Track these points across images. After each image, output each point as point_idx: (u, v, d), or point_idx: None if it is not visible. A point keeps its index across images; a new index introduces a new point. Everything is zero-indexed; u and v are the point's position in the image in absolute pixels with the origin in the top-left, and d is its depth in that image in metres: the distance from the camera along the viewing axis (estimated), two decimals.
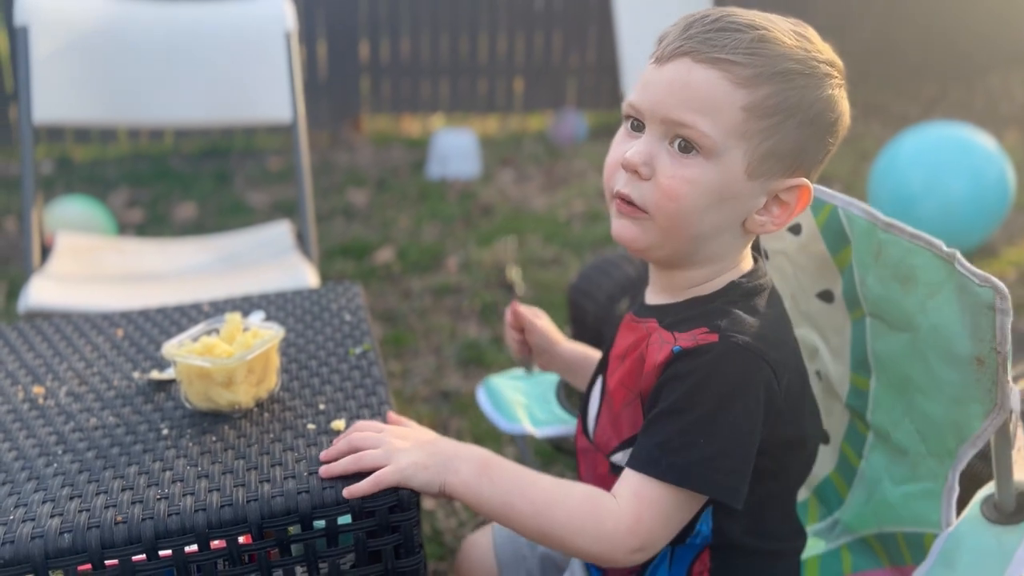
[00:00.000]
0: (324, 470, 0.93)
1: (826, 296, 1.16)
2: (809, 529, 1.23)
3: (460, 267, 3.56)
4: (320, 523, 0.90)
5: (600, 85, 5.72)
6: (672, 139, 0.93)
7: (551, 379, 1.51)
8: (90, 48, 2.32)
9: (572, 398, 1.47)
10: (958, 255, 0.94)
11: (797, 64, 0.92)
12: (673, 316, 0.99)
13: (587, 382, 1.25)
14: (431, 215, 4.13)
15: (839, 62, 0.97)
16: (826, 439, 1.23)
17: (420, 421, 2.48)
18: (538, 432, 1.40)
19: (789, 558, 1.08)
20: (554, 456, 2.27)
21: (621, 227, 0.97)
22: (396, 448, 0.93)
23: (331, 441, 1.00)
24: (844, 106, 0.97)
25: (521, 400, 1.46)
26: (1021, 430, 0.96)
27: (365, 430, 0.98)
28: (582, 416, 1.13)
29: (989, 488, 0.98)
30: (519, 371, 1.55)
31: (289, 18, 2.37)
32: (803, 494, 1.28)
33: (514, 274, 1.35)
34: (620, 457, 1.01)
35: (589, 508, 0.91)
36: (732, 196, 0.94)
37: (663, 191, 0.92)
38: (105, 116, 2.40)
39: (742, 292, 0.99)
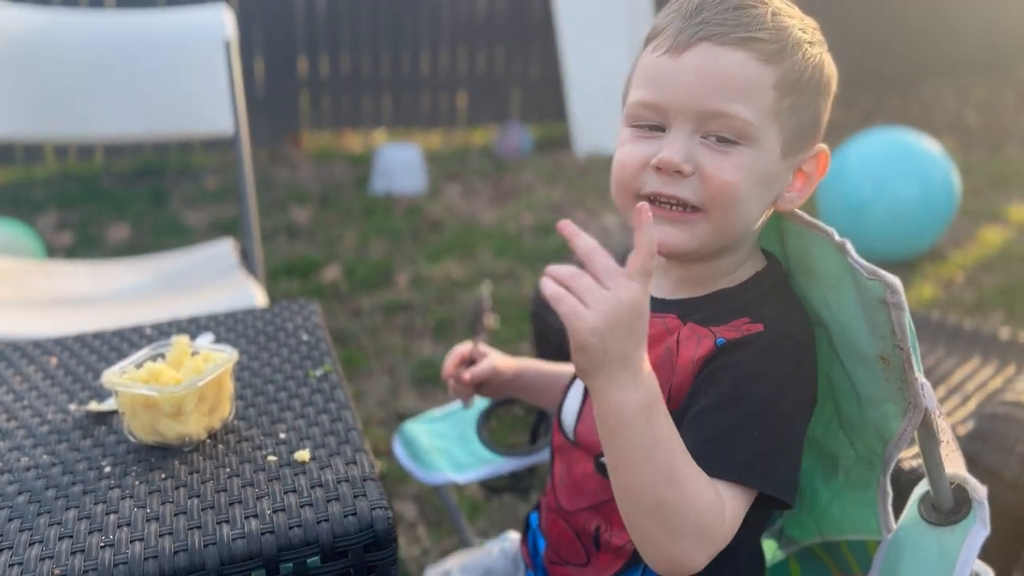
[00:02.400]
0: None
1: None
2: None
3: (411, 283, 3.47)
4: (288, 566, 0.81)
5: (544, 98, 5.69)
6: (705, 134, 0.88)
7: (471, 415, 1.42)
8: (14, 59, 2.19)
9: (494, 433, 1.39)
10: (848, 245, 0.87)
11: (804, 33, 0.91)
12: (702, 311, 0.93)
13: (547, 397, 1.20)
14: (377, 231, 4.03)
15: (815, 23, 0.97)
16: None
17: (376, 444, 2.38)
18: (461, 478, 1.32)
19: None
20: (479, 505, 2.16)
21: (665, 235, 0.88)
22: (583, 315, 0.74)
23: (295, 475, 0.91)
24: (834, 66, 0.97)
25: (439, 444, 1.37)
26: (945, 422, 0.90)
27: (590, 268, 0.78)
28: (557, 415, 1.06)
29: (924, 486, 0.93)
30: (437, 411, 1.46)
31: (229, 27, 2.26)
32: None
33: (492, 320, 1.27)
34: None
35: (718, 508, 0.81)
36: (772, 179, 0.91)
37: (717, 184, 0.87)
38: (32, 132, 2.27)
39: (771, 283, 0.95)
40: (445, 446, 1.37)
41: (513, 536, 1.23)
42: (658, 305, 0.95)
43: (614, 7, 5.28)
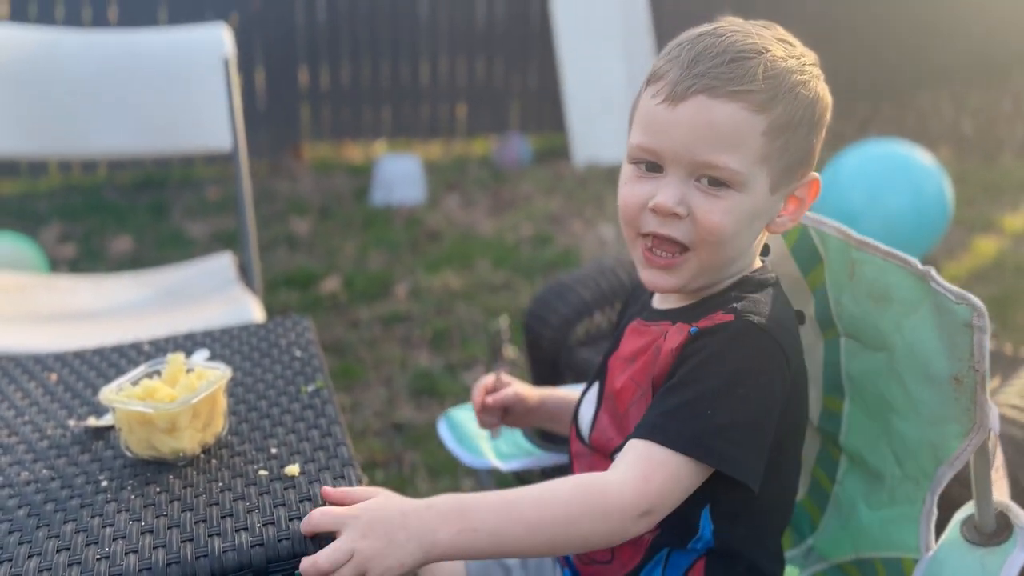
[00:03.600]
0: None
1: (798, 317, 1.13)
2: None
3: (409, 295, 3.50)
4: None
5: (543, 109, 5.73)
6: (699, 177, 0.94)
7: None
8: (18, 77, 2.23)
9: (536, 429, 1.44)
10: (932, 272, 0.93)
11: (797, 75, 0.95)
12: (690, 314, 1.00)
13: (567, 425, 1.23)
14: (377, 242, 4.06)
15: (815, 55, 1.01)
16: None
17: (372, 455, 2.41)
18: (504, 466, 1.36)
19: None
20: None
21: (656, 279, 0.98)
22: (366, 557, 0.83)
23: (284, 489, 0.94)
24: (828, 95, 1.01)
25: (484, 433, 1.41)
26: (999, 448, 0.94)
27: (325, 527, 0.86)
28: (574, 423, 1.12)
29: (968, 509, 0.97)
30: None
31: (227, 44, 2.30)
32: None
33: (510, 351, 1.31)
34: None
35: (584, 491, 0.88)
36: (761, 214, 0.97)
37: (705, 228, 0.94)
38: (36, 149, 2.31)
39: (755, 283, 1.01)
40: (488, 434, 1.42)
41: None
42: (652, 314, 1.05)
43: (612, 18, 5.32)
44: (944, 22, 6.72)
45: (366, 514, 0.86)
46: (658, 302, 1.06)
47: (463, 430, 1.41)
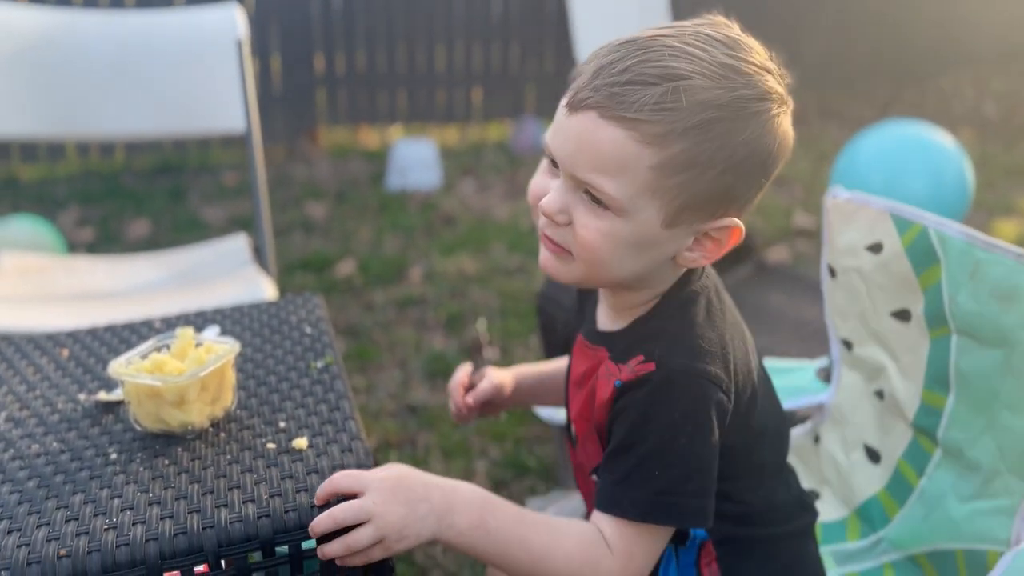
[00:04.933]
0: (313, 534, 0.85)
1: (902, 315, 1.16)
2: (848, 546, 1.21)
3: (424, 278, 3.50)
4: (283, 549, 0.84)
5: (559, 93, 5.46)
6: (585, 190, 0.89)
7: None
8: (34, 60, 2.24)
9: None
10: None
11: (718, 111, 0.84)
12: (620, 344, 0.96)
13: (554, 396, 1.24)
14: (392, 227, 4.06)
15: (779, 87, 0.89)
16: (876, 458, 1.22)
17: (387, 437, 2.42)
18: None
19: (797, 537, 1.05)
20: (518, 473, 2.22)
21: (547, 261, 0.96)
22: (387, 523, 0.84)
23: (292, 462, 0.94)
24: (776, 139, 0.89)
25: None
26: None
27: (346, 488, 0.87)
28: (567, 431, 1.10)
29: None
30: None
31: (241, 26, 2.30)
32: (841, 512, 1.26)
33: (491, 354, 1.31)
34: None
35: (584, 552, 0.89)
36: (651, 244, 0.90)
37: (580, 242, 0.90)
38: (51, 130, 2.32)
39: (677, 304, 0.95)
40: None
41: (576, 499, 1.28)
42: (594, 336, 1.02)
43: (629, 1, 5.28)
44: (968, 3, 6.62)
45: (390, 479, 0.87)
46: (600, 321, 1.03)
47: None
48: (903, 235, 1.12)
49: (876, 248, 1.16)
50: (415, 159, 4.63)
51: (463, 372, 1.24)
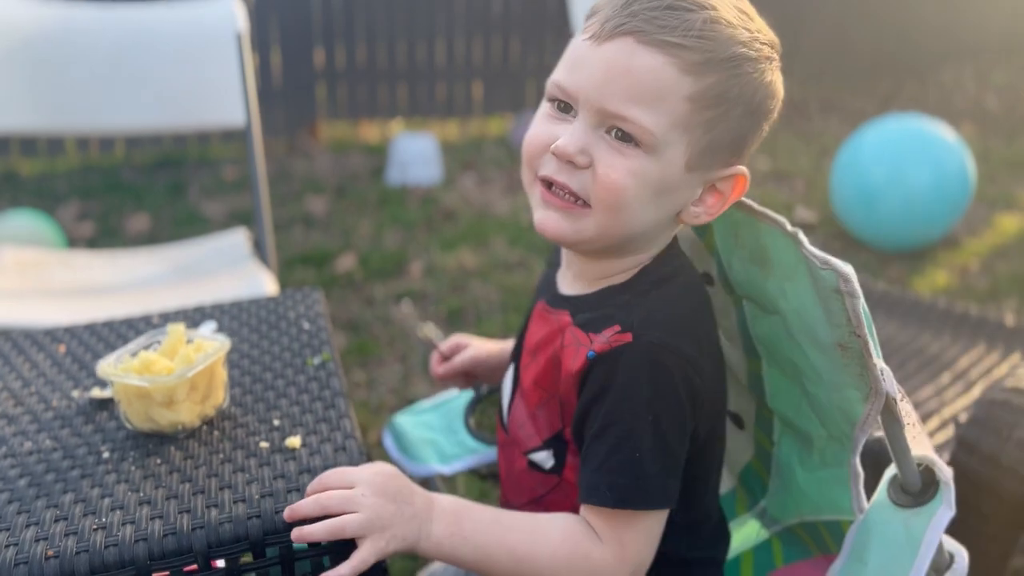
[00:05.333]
0: (289, 516, 0.84)
1: (707, 279, 1.08)
2: (739, 519, 1.19)
3: (424, 273, 3.49)
4: (273, 550, 0.83)
5: None
6: (609, 128, 0.86)
7: (458, 404, 1.44)
8: (32, 54, 2.23)
9: (481, 422, 1.41)
10: (800, 235, 0.87)
11: (744, 48, 0.85)
12: (586, 311, 0.94)
13: None
14: (392, 221, 4.05)
15: (776, 39, 0.91)
16: (740, 423, 1.17)
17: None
18: (447, 469, 1.34)
19: (712, 566, 1.04)
20: (485, 490, 2.18)
21: (548, 219, 0.89)
22: (375, 515, 0.83)
23: (285, 461, 0.93)
24: (780, 89, 0.91)
25: (427, 436, 1.39)
26: (909, 405, 0.90)
27: (335, 486, 0.86)
28: (499, 407, 1.08)
29: (894, 468, 0.93)
30: (426, 403, 1.48)
31: (240, 19, 2.29)
32: (729, 483, 1.23)
33: (428, 330, 1.29)
34: (542, 457, 0.98)
35: (570, 547, 0.87)
36: (671, 189, 0.88)
37: (605, 184, 0.85)
38: (51, 125, 2.31)
39: (653, 280, 0.93)
40: (432, 437, 1.39)
41: None
42: (555, 300, 0.99)
43: None
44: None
45: (380, 475, 0.86)
46: (562, 286, 1.00)
47: (408, 438, 1.39)
48: None
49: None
50: (415, 153, 4.62)
51: (446, 345, 1.23)
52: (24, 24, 2.25)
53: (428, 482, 1.38)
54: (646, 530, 0.89)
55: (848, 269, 0.82)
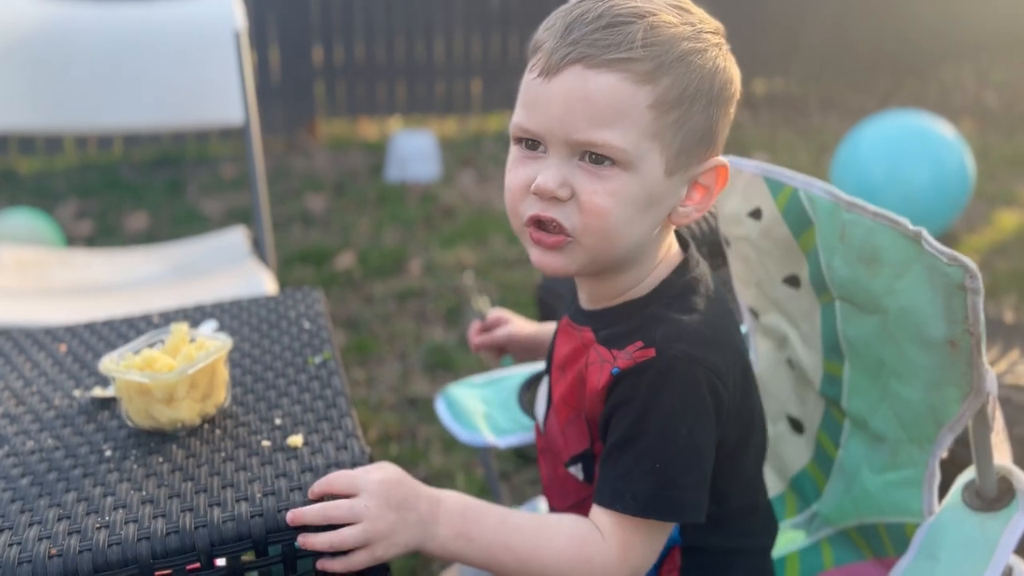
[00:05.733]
0: (292, 520, 0.84)
1: (792, 281, 1.11)
2: (787, 523, 1.20)
3: (423, 270, 3.50)
4: (276, 548, 0.84)
5: None
6: (581, 155, 0.86)
7: (513, 383, 1.46)
8: (30, 53, 2.23)
9: (534, 401, 1.42)
10: (924, 233, 0.89)
11: (689, 43, 0.86)
12: (609, 326, 0.94)
13: None
14: (391, 218, 4.06)
15: (718, 24, 0.91)
16: (800, 428, 1.19)
17: (387, 430, 2.41)
18: (501, 442, 1.35)
19: (760, 555, 1.05)
20: (519, 464, 2.21)
21: (545, 259, 0.90)
22: (376, 528, 0.83)
23: (287, 459, 0.94)
24: (735, 70, 0.92)
25: (481, 408, 1.40)
26: (999, 411, 0.92)
27: (341, 490, 0.86)
28: (536, 415, 1.10)
29: (969, 474, 0.94)
30: (479, 378, 1.49)
31: (238, 17, 2.29)
32: (779, 487, 1.24)
33: (481, 303, 1.31)
34: (575, 470, 0.99)
35: (576, 548, 0.88)
36: (656, 200, 0.88)
37: (590, 210, 0.86)
38: (49, 123, 2.31)
39: (676, 291, 0.93)
40: (487, 411, 1.41)
41: (543, 506, 1.27)
42: (578, 316, 1.00)
43: None
44: None
45: (385, 483, 0.85)
46: (584, 301, 1.00)
47: (461, 407, 1.40)
48: (776, 198, 1.07)
49: (756, 214, 1.11)
50: (414, 151, 4.62)
51: (490, 316, 1.29)
52: (22, 23, 2.25)
53: (479, 453, 1.39)
54: (653, 538, 0.90)
55: (975, 266, 0.84)
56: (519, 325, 1.28)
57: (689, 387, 0.87)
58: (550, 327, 1.22)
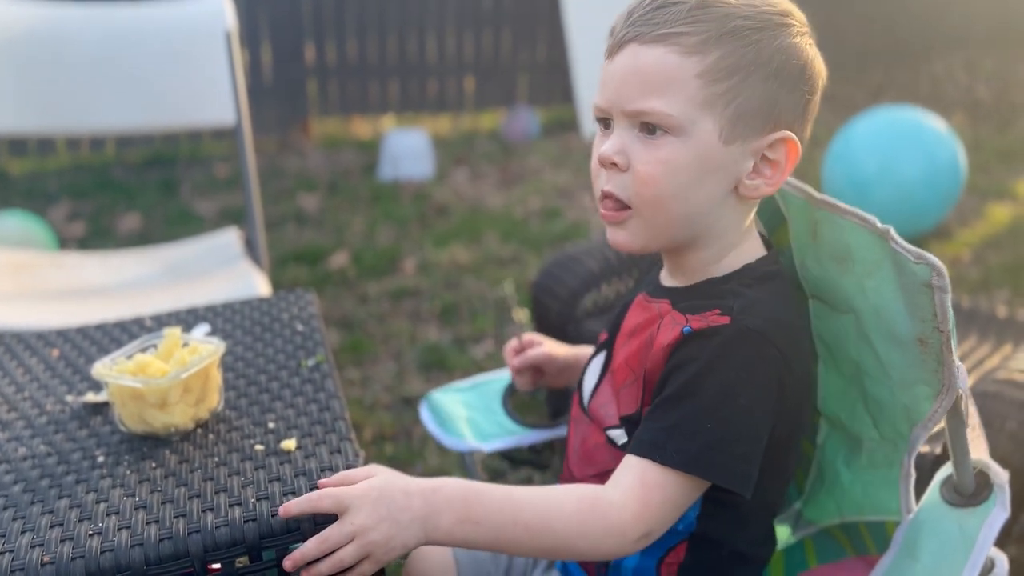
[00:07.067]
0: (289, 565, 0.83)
1: None
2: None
3: (417, 269, 3.49)
4: (270, 553, 0.83)
5: (551, 82, 5.67)
6: (639, 127, 0.91)
7: (496, 387, 1.45)
8: (21, 54, 2.22)
9: (518, 406, 1.42)
10: (892, 231, 0.89)
11: (746, 20, 0.90)
12: (688, 299, 0.96)
13: None
14: (385, 217, 4.05)
15: (798, 12, 0.94)
16: None
17: (382, 429, 2.41)
18: (486, 447, 1.34)
19: (759, 567, 1.05)
20: (502, 469, 2.20)
21: (615, 236, 0.96)
22: (370, 541, 0.83)
23: (280, 464, 0.93)
24: (810, 53, 0.94)
25: (464, 414, 1.39)
26: (973, 407, 0.92)
27: (327, 510, 0.84)
28: (579, 387, 1.10)
29: (947, 470, 0.94)
30: (462, 383, 1.48)
31: (229, 16, 2.28)
32: None
33: (521, 316, 1.31)
34: (617, 434, 0.99)
35: (587, 508, 0.87)
36: (714, 167, 0.91)
37: (639, 178, 0.91)
38: (40, 125, 2.30)
39: (757, 276, 0.96)
40: (471, 415, 1.40)
41: None
42: (656, 290, 1.02)
43: None
44: None
45: (371, 494, 0.85)
46: (664, 278, 1.04)
47: (444, 412, 1.39)
48: None
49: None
50: (407, 149, 4.62)
51: (527, 337, 1.27)
52: (12, 24, 2.24)
53: (463, 459, 1.38)
54: (676, 503, 0.89)
55: (941, 265, 0.84)
56: (554, 347, 1.26)
57: (756, 361, 0.88)
58: (586, 350, 1.23)
